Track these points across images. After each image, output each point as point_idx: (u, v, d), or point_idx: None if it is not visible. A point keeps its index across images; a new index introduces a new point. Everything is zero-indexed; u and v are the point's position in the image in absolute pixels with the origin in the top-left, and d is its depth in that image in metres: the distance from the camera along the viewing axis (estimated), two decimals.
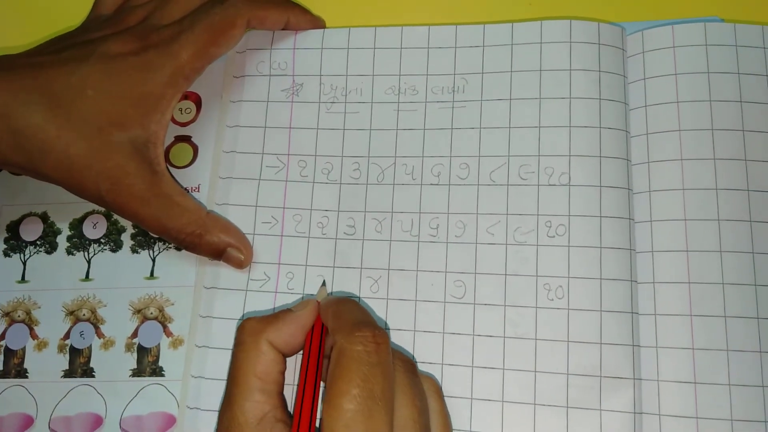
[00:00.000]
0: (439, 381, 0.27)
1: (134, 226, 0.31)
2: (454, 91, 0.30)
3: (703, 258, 0.27)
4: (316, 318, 0.25)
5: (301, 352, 0.25)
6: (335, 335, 0.22)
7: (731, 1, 0.31)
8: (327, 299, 0.25)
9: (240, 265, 0.29)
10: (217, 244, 0.28)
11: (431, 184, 0.29)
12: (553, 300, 0.27)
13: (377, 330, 0.22)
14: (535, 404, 0.27)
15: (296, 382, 0.27)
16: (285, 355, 0.24)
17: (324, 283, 0.29)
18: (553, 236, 0.28)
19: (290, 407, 0.24)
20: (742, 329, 0.26)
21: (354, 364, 0.21)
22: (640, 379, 0.27)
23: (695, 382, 0.26)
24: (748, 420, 0.26)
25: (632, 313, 0.27)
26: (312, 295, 0.29)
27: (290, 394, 0.27)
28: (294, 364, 0.27)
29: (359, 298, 0.29)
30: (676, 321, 0.27)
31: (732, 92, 0.29)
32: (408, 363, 0.23)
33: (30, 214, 0.32)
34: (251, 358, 0.23)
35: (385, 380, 0.21)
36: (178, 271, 0.30)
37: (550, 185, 0.28)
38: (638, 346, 0.27)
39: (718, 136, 0.28)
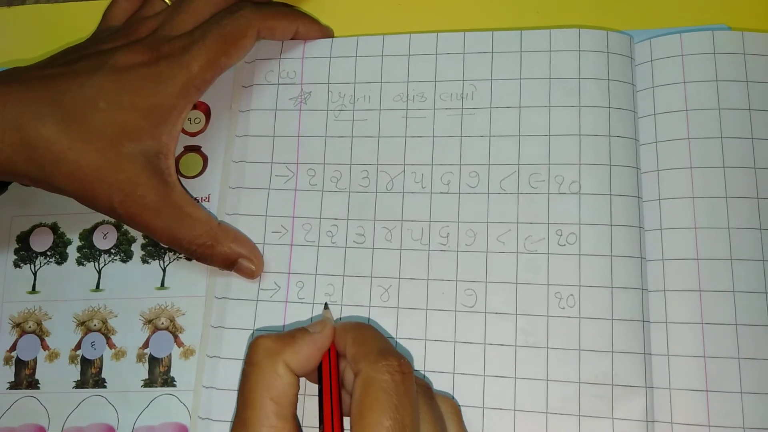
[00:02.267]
0: (451, 390, 0.27)
1: (145, 236, 0.31)
2: (463, 97, 0.30)
3: (714, 266, 0.27)
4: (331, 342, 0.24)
5: (310, 376, 0.25)
6: (359, 363, 0.22)
7: (738, 9, 0.31)
8: (343, 323, 0.25)
9: (251, 275, 0.29)
10: (229, 255, 0.28)
11: (441, 193, 0.30)
12: (564, 308, 0.27)
13: (402, 359, 0.22)
14: (547, 413, 0.27)
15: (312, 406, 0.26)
16: (299, 377, 0.23)
17: (327, 306, 0.28)
18: (564, 245, 0.28)
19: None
20: (754, 337, 0.26)
21: (383, 395, 0.21)
22: (652, 387, 0.27)
23: (707, 390, 0.26)
24: (760, 428, 0.26)
25: (643, 321, 0.27)
26: (323, 304, 0.29)
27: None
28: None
29: (368, 318, 0.28)
30: (688, 329, 0.27)
31: (740, 100, 0.29)
32: (426, 388, 0.23)
33: (40, 225, 0.32)
34: (267, 380, 0.22)
35: (413, 411, 0.21)
36: (188, 281, 0.30)
37: (560, 194, 0.29)
38: (650, 354, 0.27)
39: (727, 144, 0.28)
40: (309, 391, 0.27)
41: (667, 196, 0.28)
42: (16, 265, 0.31)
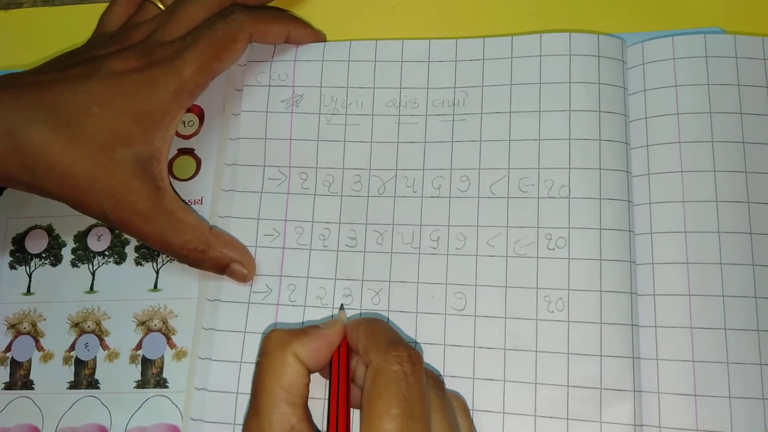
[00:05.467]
0: None
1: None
2: (454, 104, 0.31)
3: (704, 270, 0.27)
4: (343, 339, 0.25)
5: (322, 372, 0.25)
6: (369, 354, 0.22)
7: (732, 11, 0.31)
8: (356, 319, 0.25)
9: (243, 279, 0.29)
10: (221, 259, 0.28)
11: (432, 197, 0.30)
12: (553, 312, 0.27)
13: (412, 350, 0.22)
14: (535, 416, 0.27)
15: (324, 406, 0.27)
16: (309, 370, 0.24)
17: (342, 307, 0.29)
18: (554, 249, 0.28)
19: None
20: (743, 342, 0.27)
21: (392, 384, 0.21)
22: (641, 391, 0.27)
23: (695, 395, 0.26)
24: None
25: (632, 325, 0.27)
26: (318, 307, 0.29)
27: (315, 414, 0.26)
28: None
29: (387, 319, 0.29)
30: (677, 333, 0.27)
31: (732, 104, 0.29)
32: (437, 381, 0.24)
33: (35, 227, 0.32)
34: (277, 369, 0.23)
35: (422, 400, 0.21)
36: (181, 284, 0.30)
37: (550, 198, 0.29)
38: (638, 358, 0.27)
39: (718, 148, 0.28)
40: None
41: (658, 200, 0.28)
42: (12, 266, 0.32)
